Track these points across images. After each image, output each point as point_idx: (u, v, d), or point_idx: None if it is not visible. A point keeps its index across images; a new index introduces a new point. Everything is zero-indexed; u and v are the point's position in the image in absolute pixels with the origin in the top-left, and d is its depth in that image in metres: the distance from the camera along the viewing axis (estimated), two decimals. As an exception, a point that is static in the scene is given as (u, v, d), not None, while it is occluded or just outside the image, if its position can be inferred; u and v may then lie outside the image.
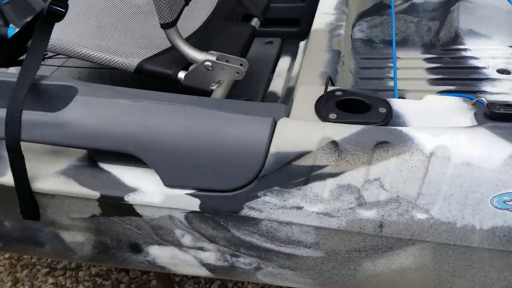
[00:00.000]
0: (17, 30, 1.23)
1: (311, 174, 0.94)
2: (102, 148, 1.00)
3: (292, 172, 0.94)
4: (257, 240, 1.06)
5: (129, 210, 1.07)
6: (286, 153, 0.93)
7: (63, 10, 1.09)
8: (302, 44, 1.85)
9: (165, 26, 1.10)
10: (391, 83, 1.66)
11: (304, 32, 2.01)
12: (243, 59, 1.16)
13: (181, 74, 1.18)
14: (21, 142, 1.01)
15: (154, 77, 1.20)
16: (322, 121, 0.97)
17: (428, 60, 1.75)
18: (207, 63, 1.14)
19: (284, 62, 1.88)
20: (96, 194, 1.04)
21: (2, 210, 1.17)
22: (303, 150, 0.92)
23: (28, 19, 2.24)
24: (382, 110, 0.98)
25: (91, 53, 1.19)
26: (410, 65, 1.74)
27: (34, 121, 1.00)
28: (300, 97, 1.05)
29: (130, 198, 1.03)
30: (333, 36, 1.49)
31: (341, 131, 0.92)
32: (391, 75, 1.70)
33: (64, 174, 1.06)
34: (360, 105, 1.01)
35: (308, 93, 1.06)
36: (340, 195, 0.95)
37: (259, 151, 0.95)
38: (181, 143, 0.97)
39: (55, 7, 1.08)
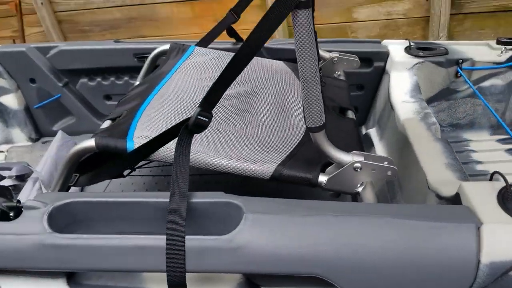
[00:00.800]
0: (136, 144, 1.11)
1: (530, 283, 0.85)
2: (285, 272, 0.87)
3: (510, 282, 0.85)
4: None
5: None
6: (502, 262, 0.84)
7: (207, 120, 1.00)
8: (372, 131, 1.82)
9: (315, 130, 1.03)
10: (478, 167, 1.64)
11: (362, 119, 1.99)
12: (388, 157, 1.09)
13: (322, 178, 1.09)
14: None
15: (291, 182, 1.11)
16: None
17: (502, 141, 1.76)
18: (356, 164, 1.06)
19: (353, 151, 1.83)
20: None
21: None
22: (520, 257, 0.84)
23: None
24: None
25: (225, 162, 1.09)
26: (487, 147, 1.74)
27: (202, 247, 0.87)
28: (474, 196, 0.98)
29: (311, 328, 0.89)
30: (429, 124, 1.47)
31: (555, 232, 0.85)
32: (474, 158, 1.68)
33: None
34: None
35: (478, 191, 0.99)
36: None
37: (468, 263, 0.85)
38: (378, 260, 0.86)
39: (201, 117, 0.99)
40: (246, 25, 3.84)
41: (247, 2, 1.68)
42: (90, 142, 1.11)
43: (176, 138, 1.05)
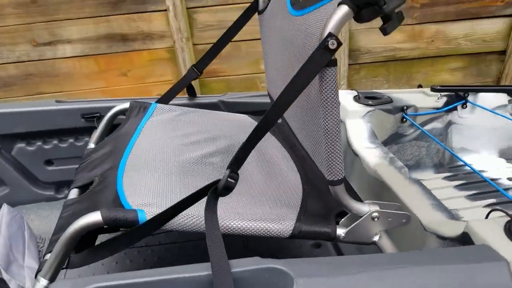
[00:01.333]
0: (148, 214, 1.01)
1: None
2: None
3: (545, 313, 0.91)
4: None
5: None
6: (536, 295, 0.91)
7: (234, 182, 0.96)
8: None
9: (336, 183, 1.04)
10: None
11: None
12: (397, 204, 1.13)
13: (339, 231, 1.09)
14: None
15: (309, 238, 1.09)
16: None
17: (447, 178, 1.92)
18: (374, 214, 1.08)
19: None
20: None
21: None
22: (551, 288, 0.91)
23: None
24: None
25: (244, 224, 1.04)
26: (436, 185, 1.88)
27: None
28: (487, 234, 1.05)
29: None
30: (399, 168, 1.55)
31: None
32: (431, 197, 1.80)
33: None
34: None
35: (486, 229, 1.07)
36: None
37: (509, 299, 0.90)
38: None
39: (231, 179, 0.94)
40: (154, 77, 3.76)
41: (210, 58, 1.68)
42: (95, 216, 0.99)
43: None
